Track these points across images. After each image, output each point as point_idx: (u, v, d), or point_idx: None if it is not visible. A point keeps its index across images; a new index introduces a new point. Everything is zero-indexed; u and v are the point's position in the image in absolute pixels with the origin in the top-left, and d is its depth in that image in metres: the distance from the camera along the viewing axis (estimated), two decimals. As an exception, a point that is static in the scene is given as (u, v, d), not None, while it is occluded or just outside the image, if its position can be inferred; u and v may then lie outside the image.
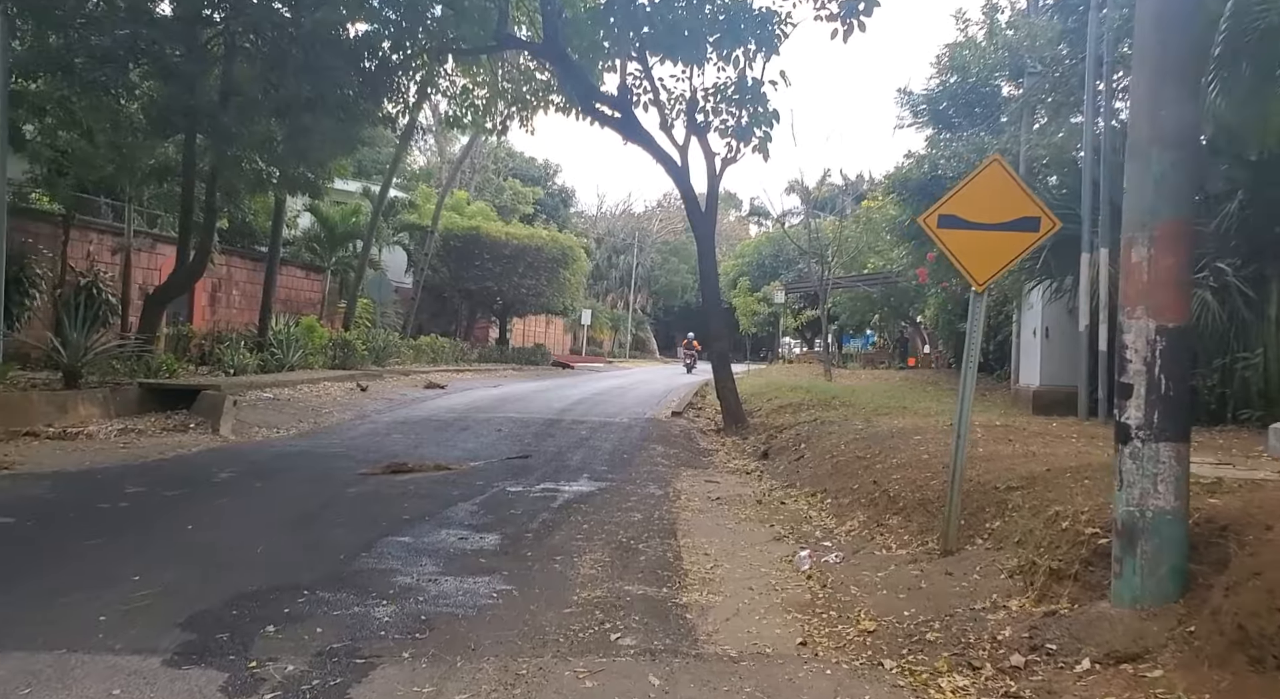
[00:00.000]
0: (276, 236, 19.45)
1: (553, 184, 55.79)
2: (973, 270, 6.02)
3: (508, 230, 31.70)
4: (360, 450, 11.46)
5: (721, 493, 9.34)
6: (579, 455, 11.74)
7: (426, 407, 16.37)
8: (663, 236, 67.94)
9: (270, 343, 18.53)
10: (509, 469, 10.40)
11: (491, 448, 12.06)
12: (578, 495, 8.82)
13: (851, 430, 11.51)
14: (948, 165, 18.78)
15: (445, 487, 9.05)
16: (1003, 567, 5.33)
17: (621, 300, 65.23)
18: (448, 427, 13.87)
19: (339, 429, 13.38)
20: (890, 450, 9.06)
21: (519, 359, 33.74)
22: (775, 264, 44.50)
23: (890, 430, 10.60)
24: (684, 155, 14.35)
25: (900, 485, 7.52)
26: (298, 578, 5.51)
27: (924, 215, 6.20)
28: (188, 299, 20.85)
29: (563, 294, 33.25)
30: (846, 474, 8.82)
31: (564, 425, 14.47)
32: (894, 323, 38.60)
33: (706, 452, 12.85)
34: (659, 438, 13.55)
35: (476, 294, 31.25)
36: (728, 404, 14.62)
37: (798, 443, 11.92)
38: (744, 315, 40.36)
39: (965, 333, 18.32)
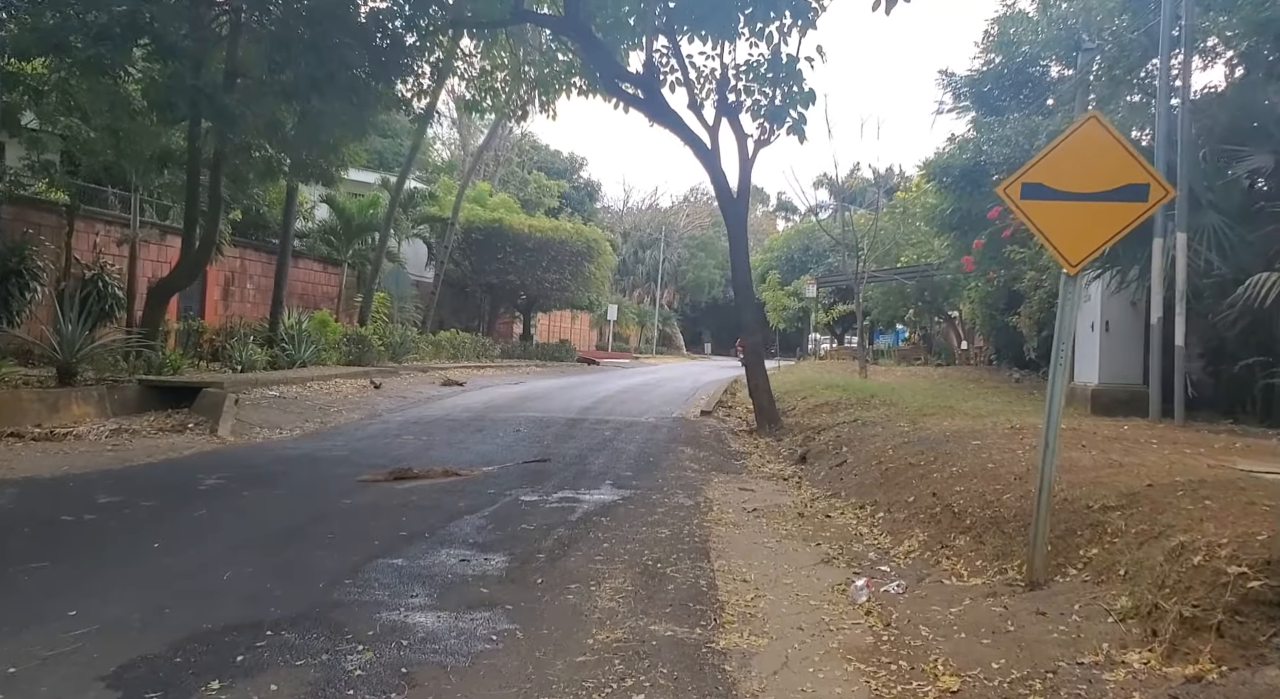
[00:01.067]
0: (288, 227, 18.73)
1: (578, 178, 55.01)
2: (1064, 249, 5.05)
3: (531, 223, 30.86)
4: (366, 454, 10.65)
5: (758, 503, 8.42)
6: (601, 459, 10.86)
7: (442, 405, 15.57)
8: (690, 231, 66.92)
9: (282, 338, 17.82)
10: (525, 475, 9.54)
11: (508, 451, 11.21)
12: (599, 506, 7.94)
13: (897, 433, 10.55)
14: (993, 150, 17.67)
15: (452, 496, 8.20)
16: (1109, 607, 4.38)
17: (648, 296, 64.32)
18: (462, 427, 13.04)
19: (346, 430, 12.59)
20: (947, 457, 8.09)
21: (543, 355, 32.93)
22: (805, 258, 43.36)
23: (942, 433, 9.62)
24: (714, 137, 13.42)
25: (965, 499, 6.55)
26: (264, 612, 4.67)
27: (1004, 184, 5.24)
28: (199, 293, 20.21)
29: (587, 288, 32.36)
30: (899, 484, 7.87)
31: (586, 425, 13.61)
32: (929, 318, 37.48)
33: (739, 454, 11.93)
34: (688, 439, 12.65)
35: (499, 288, 30.44)
36: (760, 403, 13.69)
37: (838, 446, 10.97)
38: (774, 310, 39.28)
39: (1011, 326, 16.88)
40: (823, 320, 37.93)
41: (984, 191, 18.78)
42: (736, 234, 13.71)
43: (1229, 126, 11.99)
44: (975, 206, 18.72)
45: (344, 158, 16.82)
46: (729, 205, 13.48)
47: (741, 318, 13.82)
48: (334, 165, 16.39)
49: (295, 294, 23.79)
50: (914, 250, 29.89)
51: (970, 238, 19.15)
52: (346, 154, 16.75)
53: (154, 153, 14.13)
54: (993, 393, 17.13)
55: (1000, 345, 24.55)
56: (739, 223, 13.61)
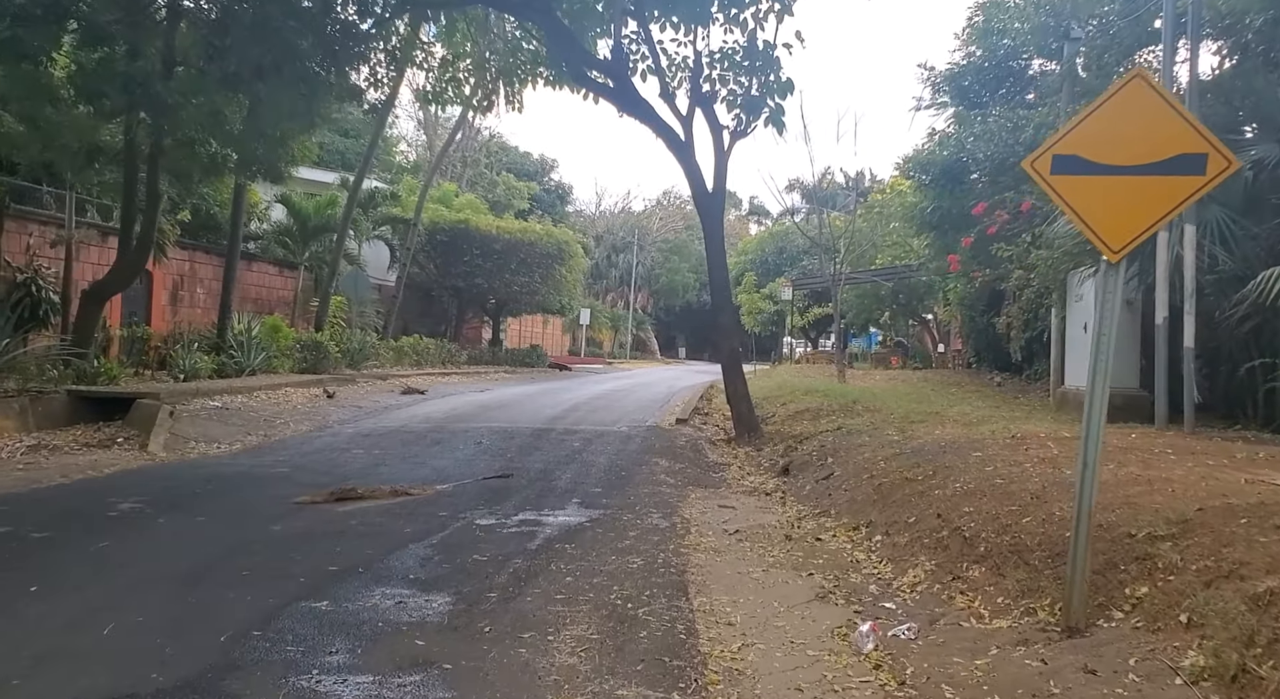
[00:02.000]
0: (236, 227, 17.70)
1: (549, 180, 54.09)
2: (1105, 232, 4.29)
3: (498, 224, 29.89)
4: (309, 470, 9.73)
5: (740, 522, 7.61)
6: (569, 473, 10.02)
7: (399, 415, 14.63)
8: (663, 234, 66.18)
9: (230, 345, 16.78)
10: (483, 493, 8.67)
11: (466, 465, 10.33)
12: (563, 530, 7.09)
13: (886, 442, 9.80)
14: (976, 146, 17.05)
15: (398, 520, 7.31)
16: (1175, 665, 3.60)
17: (622, 300, 63.48)
18: (419, 439, 12.14)
19: (291, 443, 11.64)
20: (948, 471, 7.33)
21: (512, 361, 31.97)
22: (779, 261, 42.71)
23: (936, 443, 8.88)
24: (688, 129, 12.63)
25: (977, 522, 5.78)
26: (142, 680, 3.79)
27: (1031, 157, 4.47)
28: (145, 297, 19.11)
29: (559, 292, 31.43)
30: (896, 502, 7.08)
31: (554, 436, 12.75)
32: (904, 321, 36.97)
33: (717, 466, 11.13)
34: (662, 450, 11.83)
35: (465, 292, 29.45)
36: (739, 410, 12.90)
37: (823, 456, 10.19)
38: (749, 314, 38.59)
39: (992, 328, 15.76)
40: (798, 324, 37.28)
41: (965, 188, 18.17)
42: (712, 231, 12.93)
43: (1226, 116, 11.40)
44: (956, 204, 18.09)
45: (294, 153, 15.86)
46: (704, 200, 12.69)
47: (717, 319, 13.03)
48: (283, 161, 15.42)
49: (249, 298, 22.73)
50: (890, 251, 29.33)
51: (951, 237, 18.52)
52: (297, 149, 15.79)
53: (82, 147, 13.08)
54: (977, 397, 16.48)
55: (980, 348, 23.97)
56: (715, 219, 12.83)
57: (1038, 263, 13.68)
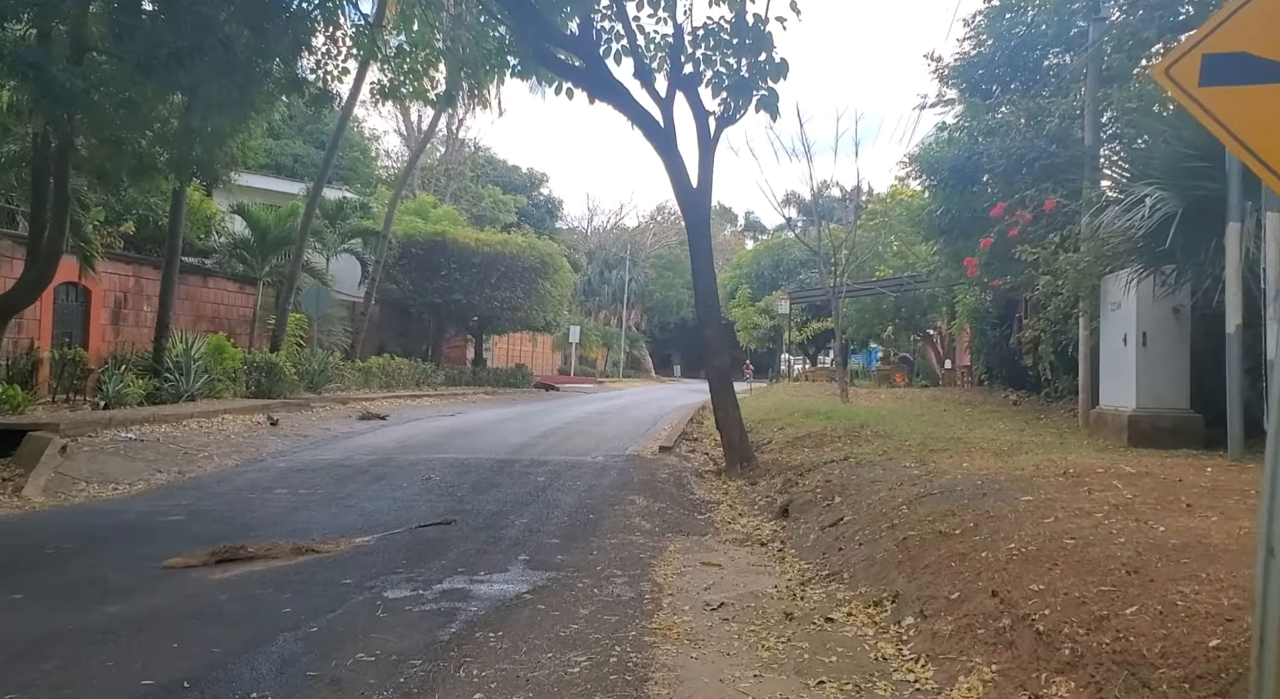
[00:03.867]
0: (175, 235, 16.05)
1: (538, 194, 52.64)
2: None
3: (477, 236, 28.24)
4: (210, 517, 8.07)
5: (727, 589, 5.95)
6: (525, 518, 8.35)
7: (346, 446, 12.95)
8: (657, 250, 64.73)
9: (167, 367, 15.11)
10: (411, 548, 7.02)
11: (404, 509, 8.66)
12: (494, 606, 5.43)
13: (906, 477, 8.15)
14: (990, 142, 15.50)
15: (284, 592, 5.65)
16: None
17: (614, 317, 61.91)
18: (358, 475, 10.46)
19: (206, 482, 9.96)
20: (994, 522, 5.68)
21: (495, 381, 30.29)
22: (775, 275, 41.12)
23: (970, 481, 7.25)
24: (668, 114, 11.03)
25: (1055, 609, 4.11)
26: None
27: (1166, 62, 2.85)
28: (82, 316, 17.44)
29: (543, 308, 29.76)
30: (931, 567, 5.41)
31: (517, 469, 11.08)
32: (906, 336, 35.38)
33: (703, 505, 9.46)
34: (641, 485, 10.16)
35: (444, 308, 27.77)
36: (730, 436, 11.25)
37: (829, 494, 8.53)
38: (744, 329, 36.94)
39: (1004, 344, 13.56)
40: (796, 339, 35.65)
41: (977, 190, 16.61)
42: (697, 233, 11.30)
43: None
44: (968, 207, 16.53)
45: (235, 154, 14.25)
46: (688, 197, 11.08)
47: (704, 333, 11.39)
48: (220, 162, 13.81)
49: (205, 317, 21.09)
50: (892, 262, 27.79)
51: (962, 242, 16.95)
52: (238, 150, 14.18)
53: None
54: (996, 419, 14.85)
55: (992, 364, 22.34)
56: (700, 219, 11.21)
57: (1066, 267, 12.08)
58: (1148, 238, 8.78)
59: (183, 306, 20.49)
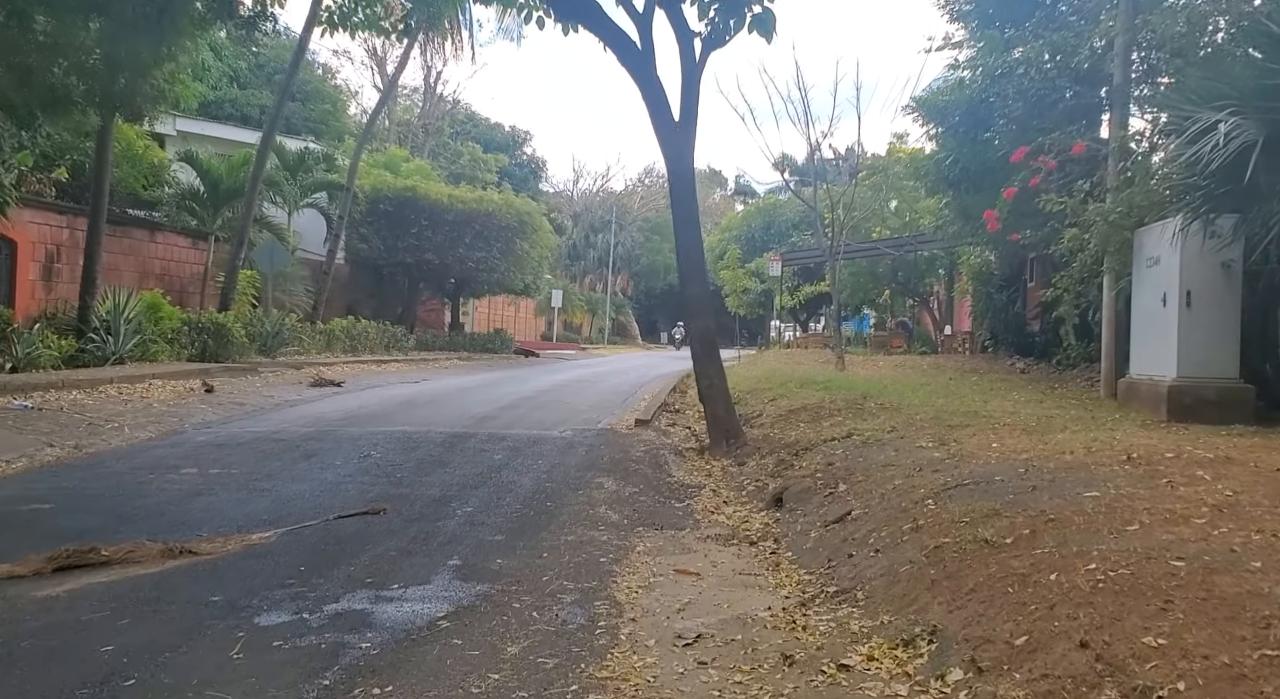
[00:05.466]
0: (100, 178, 14.41)
1: (521, 154, 50.81)
2: None
3: (450, 192, 26.56)
4: (88, 505, 6.68)
5: (707, 612, 4.60)
6: (469, 506, 6.99)
7: (285, 416, 11.53)
8: (644, 213, 62.94)
9: (95, 327, 13.60)
10: (319, 547, 5.65)
11: (327, 494, 7.28)
12: (396, 639, 4.08)
13: (925, 461, 6.81)
14: (1007, 81, 13.98)
15: (120, 618, 4.28)
16: None
17: (600, 282, 60.30)
18: (286, 451, 9.05)
19: (104, 459, 8.53)
20: (1057, 526, 4.34)
21: (472, 346, 28.79)
22: (766, 237, 39.55)
23: (1008, 467, 5.92)
24: (646, 35, 9.47)
25: (1192, 679, 2.75)
26: None
27: None
28: (6, 271, 15.87)
29: (521, 269, 28.18)
30: (978, 591, 4.04)
31: (472, 445, 9.68)
32: (902, 301, 34.07)
33: (682, 490, 8.09)
34: (611, 465, 8.79)
35: (416, 268, 26.18)
36: (714, 409, 9.87)
37: (832, 480, 7.17)
38: (733, 293, 35.49)
39: (1010, 308, 11.81)
40: (787, 304, 34.24)
41: (990, 137, 15.15)
42: (680, 176, 9.81)
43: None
44: (980, 156, 15.06)
45: (162, 88, 12.69)
46: (668, 134, 9.57)
47: (685, 292, 9.94)
48: (142, 96, 12.26)
49: (153, 274, 19.52)
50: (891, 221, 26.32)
51: (973, 195, 15.49)
52: (165, 83, 12.61)
53: None
54: (1008, 389, 13.56)
55: (997, 330, 21.02)
56: (682, 159, 9.71)
57: (1095, 218, 10.69)
58: (1214, 176, 7.37)
59: (127, 262, 18.94)
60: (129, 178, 18.69)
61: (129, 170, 18.79)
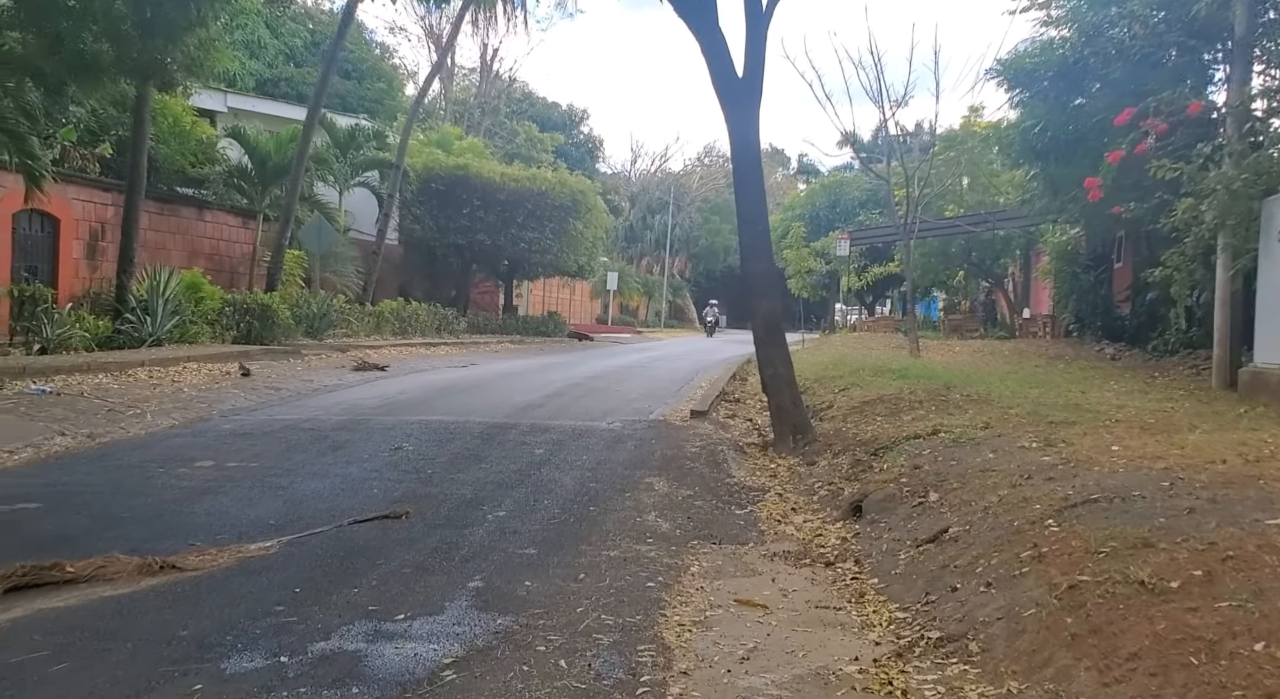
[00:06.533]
0: (138, 150, 13.87)
1: (578, 133, 49.92)
2: None
3: (503, 170, 25.80)
4: (80, 504, 6.03)
5: (776, 665, 3.68)
6: (502, 510, 6.16)
7: (319, 402, 10.85)
8: (703, 193, 61.57)
9: (131, 307, 13.13)
10: (324, 561, 4.89)
11: (348, 493, 6.52)
12: (388, 695, 3.24)
13: (1031, 464, 5.79)
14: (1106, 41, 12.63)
15: (55, 662, 3.54)
16: None
17: (657, 264, 59.24)
18: (314, 442, 8.33)
19: (117, 450, 7.90)
20: (1243, 567, 3.35)
21: (524, 329, 28.10)
22: (831, 216, 38.05)
23: (1142, 477, 4.91)
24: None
25: None
26: None
27: None
28: (50, 249, 15.52)
29: (575, 250, 27.32)
30: (1142, 658, 3.03)
31: (513, 436, 8.87)
32: (975, 282, 32.45)
33: (743, 494, 7.16)
34: (663, 462, 7.88)
35: (468, 250, 25.51)
36: (779, 401, 8.89)
37: (920, 487, 6.15)
38: (797, 274, 34.18)
39: (1098, 289, 10.12)
40: (854, 285, 32.84)
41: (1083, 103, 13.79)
42: (742, 140, 8.79)
43: None
44: (1071, 122, 13.71)
45: (194, 54, 12.06)
46: (730, 91, 8.57)
47: (748, 268, 8.94)
48: (176, 62, 11.67)
49: (202, 253, 19.17)
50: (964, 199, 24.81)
51: (1064, 165, 14.15)
52: (197, 49, 11.98)
53: None
54: (1104, 378, 12.34)
55: (1082, 312, 19.60)
56: (745, 120, 8.68)
57: (1215, 186, 9.41)
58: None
59: (175, 242, 18.59)
60: (175, 154, 18.28)
61: (176, 147, 18.39)
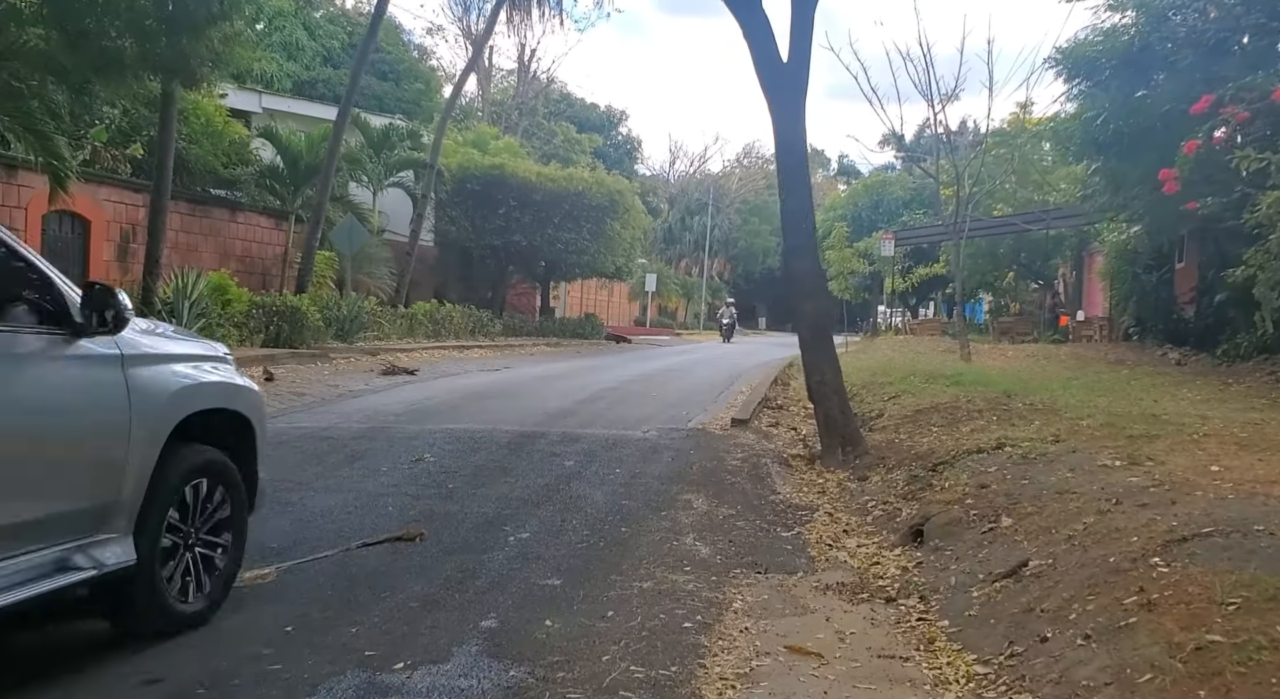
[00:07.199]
0: (165, 149, 13.60)
1: (617, 134, 49.50)
2: None
3: (539, 170, 25.38)
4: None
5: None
6: (526, 530, 5.65)
7: (342, 408, 10.42)
8: (742, 194, 60.84)
9: (157, 310, 12.84)
10: (324, 592, 4.43)
11: (361, 510, 6.04)
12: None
13: (1116, 486, 5.15)
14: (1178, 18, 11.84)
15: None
16: None
17: (696, 266, 58.61)
18: (331, 452, 7.87)
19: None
20: None
21: (561, 332, 27.66)
22: (874, 217, 37.16)
23: (1249, 500, 4.32)
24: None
25: None
26: None
27: None
28: (80, 250, 15.33)
29: (612, 252, 26.81)
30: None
31: (542, 446, 8.34)
32: (1024, 284, 31.47)
33: (790, 513, 6.55)
34: (702, 476, 7.31)
35: (503, 251, 25.12)
36: (827, 409, 8.25)
37: (990, 510, 5.51)
38: (839, 276, 33.40)
39: (1161, 291, 9.05)
40: (899, 287, 31.96)
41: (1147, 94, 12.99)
42: (787, 130, 8.18)
43: None
44: (1136, 113, 12.90)
45: (219, 50, 11.73)
46: (774, 79, 7.97)
47: (791, 267, 8.31)
48: (200, 59, 11.33)
49: (234, 255, 18.95)
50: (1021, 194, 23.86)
51: (1127, 160, 13.33)
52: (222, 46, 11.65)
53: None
54: (1174, 384, 11.57)
55: (1143, 315, 18.67)
56: (791, 109, 8.08)
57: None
58: None
59: (207, 243, 18.39)
60: (208, 155, 18.07)
61: (209, 147, 18.18)
